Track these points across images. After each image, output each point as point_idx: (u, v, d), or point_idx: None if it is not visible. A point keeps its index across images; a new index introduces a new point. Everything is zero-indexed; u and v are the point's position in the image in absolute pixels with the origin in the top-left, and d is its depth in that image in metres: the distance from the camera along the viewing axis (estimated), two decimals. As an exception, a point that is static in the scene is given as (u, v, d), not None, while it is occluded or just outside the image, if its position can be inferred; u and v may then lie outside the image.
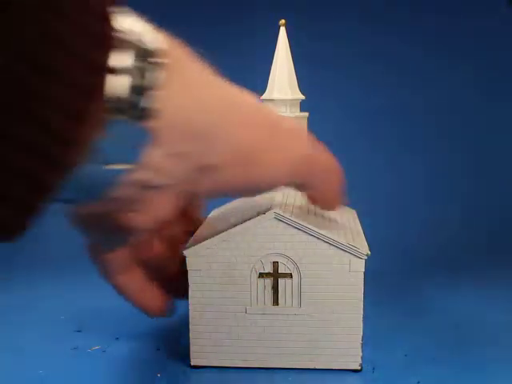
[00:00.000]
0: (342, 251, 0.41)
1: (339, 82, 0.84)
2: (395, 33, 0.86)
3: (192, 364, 0.43)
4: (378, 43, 0.86)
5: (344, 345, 0.42)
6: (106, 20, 0.20)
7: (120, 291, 0.36)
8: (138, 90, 0.21)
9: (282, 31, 0.51)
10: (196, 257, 0.42)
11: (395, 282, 0.64)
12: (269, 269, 0.42)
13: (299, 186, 0.35)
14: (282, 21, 0.51)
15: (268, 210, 0.41)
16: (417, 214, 0.81)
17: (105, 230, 0.28)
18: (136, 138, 0.22)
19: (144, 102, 0.21)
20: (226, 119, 0.27)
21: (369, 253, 0.41)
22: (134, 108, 0.21)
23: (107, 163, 0.21)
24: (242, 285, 0.43)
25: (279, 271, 0.42)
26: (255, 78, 0.49)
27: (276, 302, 0.43)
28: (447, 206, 0.83)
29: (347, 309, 0.42)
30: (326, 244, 0.41)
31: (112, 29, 0.20)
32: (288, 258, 0.42)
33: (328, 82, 0.83)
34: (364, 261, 0.41)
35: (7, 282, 0.65)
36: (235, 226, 0.42)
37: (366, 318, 0.42)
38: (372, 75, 0.86)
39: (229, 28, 0.83)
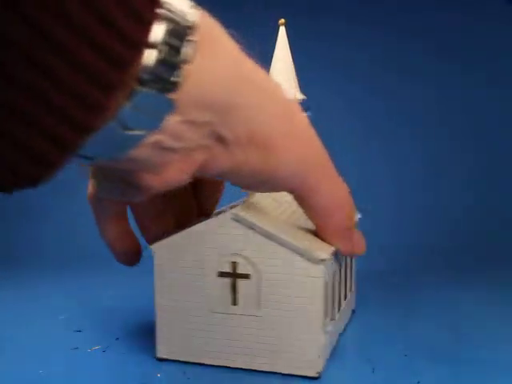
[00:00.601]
0: (297, 255, 0.40)
1: (339, 81, 0.84)
2: (395, 33, 0.86)
3: (157, 356, 0.44)
4: (378, 43, 0.86)
5: (302, 351, 0.41)
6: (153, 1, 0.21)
7: (101, 235, 0.40)
8: (167, 64, 0.22)
9: (282, 31, 0.50)
10: (163, 251, 0.42)
11: (395, 281, 0.64)
12: (228, 268, 0.42)
13: (302, 197, 0.37)
14: (282, 20, 0.50)
15: (231, 209, 0.42)
16: (416, 214, 0.81)
17: (116, 184, 0.30)
18: (159, 106, 0.23)
19: (171, 76, 0.23)
20: (247, 100, 0.28)
21: (326, 258, 0.39)
22: (161, 80, 0.22)
23: (127, 128, 0.23)
24: (204, 283, 0.42)
25: (238, 271, 0.42)
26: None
27: (234, 302, 0.42)
28: (447, 206, 0.83)
29: (305, 315, 0.41)
30: (282, 247, 0.40)
31: (156, 6, 0.21)
32: (247, 258, 0.42)
33: (328, 81, 0.83)
34: (323, 267, 0.40)
35: (7, 282, 0.65)
36: (199, 223, 0.42)
37: (366, 318, 0.42)
38: (373, 74, 0.86)
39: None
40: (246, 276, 0.42)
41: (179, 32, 0.22)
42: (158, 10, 0.22)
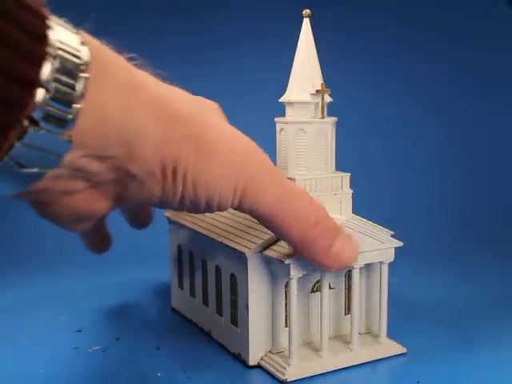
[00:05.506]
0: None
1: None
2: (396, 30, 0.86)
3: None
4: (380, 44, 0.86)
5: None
6: (42, 38, 0.21)
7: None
8: (58, 102, 0.22)
9: (306, 23, 0.45)
10: None
11: (393, 281, 0.64)
12: None
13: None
14: (307, 11, 0.45)
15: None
16: (417, 215, 0.81)
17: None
18: (54, 144, 0.23)
19: (64, 113, 0.22)
20: (151, 131, 0.27)
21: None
22: (53, 119, 0.22)
23: (22, 166, 0.23)
24: None
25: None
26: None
27: None
28: (446, 206, 0.83)
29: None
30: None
31: (45, 45, 0.21)
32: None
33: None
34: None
35: (7, 282, 0.65)
36: None
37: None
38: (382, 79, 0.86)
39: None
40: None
41: (68, 69, 0.22)
42: (46, 49, 0.21)
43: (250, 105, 0.77)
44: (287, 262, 0.40)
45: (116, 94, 0.25)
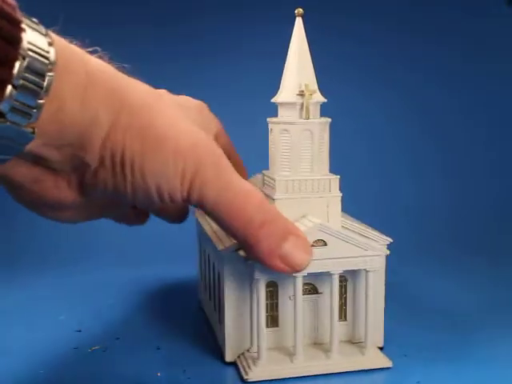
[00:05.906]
0: None
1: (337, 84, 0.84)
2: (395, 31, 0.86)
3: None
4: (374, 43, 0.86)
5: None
6: (14, 41, 0.23)
7: None
8: (24, 97, 0.24)
9: (298, 22, 0.45)
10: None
11: (393, 281, 0.64)
12: None
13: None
14: (299, 10, 0.44)
15: None
16: (405, 218, 0.81)
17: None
18: (19, 134, 0.25)
19: (29, 107, 0.25)
20: (101, 122, 0.29)
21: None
22: (19, 112, 0.24)
23: None
24: None
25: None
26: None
27: None
28: (434, 209, 0.83)
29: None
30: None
31: (17, 48, 0.23)
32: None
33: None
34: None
35: (7, 282, 0.65)
36: None
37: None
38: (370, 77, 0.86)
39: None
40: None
41: (36, 68, 0.24)
42: (17, 51, 0.23)
43: (251, 105, 0.77)
44: (250, 261, 0.40)
45: (74, 88, 0.27)
